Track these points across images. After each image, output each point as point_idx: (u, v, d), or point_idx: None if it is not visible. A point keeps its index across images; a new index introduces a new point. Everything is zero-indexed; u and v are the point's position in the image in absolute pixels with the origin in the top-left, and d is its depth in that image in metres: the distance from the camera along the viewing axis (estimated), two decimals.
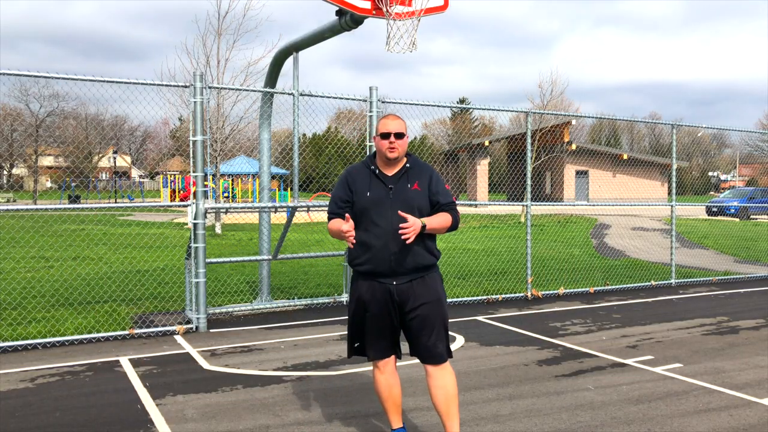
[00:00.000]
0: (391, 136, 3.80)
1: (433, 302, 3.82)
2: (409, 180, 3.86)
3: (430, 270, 3.87)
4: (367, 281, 3.84)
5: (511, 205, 11.68)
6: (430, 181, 3.88)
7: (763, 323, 7.95)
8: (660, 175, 44.33)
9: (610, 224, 24.59)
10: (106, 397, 5.11)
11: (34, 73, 6.89)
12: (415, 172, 3.89)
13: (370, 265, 3.79)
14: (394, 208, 3.74)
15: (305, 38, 7.74)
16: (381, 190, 3.82)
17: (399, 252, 3.74)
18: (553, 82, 30.80)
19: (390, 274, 3.78)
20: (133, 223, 25.13)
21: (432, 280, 3.87)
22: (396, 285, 3.79)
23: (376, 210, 3.77)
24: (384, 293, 3.80)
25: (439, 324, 3.85)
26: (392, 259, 3.75)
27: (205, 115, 7.54)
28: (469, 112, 66.38)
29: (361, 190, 3.84)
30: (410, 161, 3.93)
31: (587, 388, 5.34)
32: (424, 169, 3.93)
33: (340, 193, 3.91)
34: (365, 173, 3.90)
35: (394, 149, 3.81)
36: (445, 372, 3.89)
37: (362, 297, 3.86)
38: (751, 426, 4.53)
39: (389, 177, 3.87)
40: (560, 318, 8.23)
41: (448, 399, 3.87)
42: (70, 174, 43.71)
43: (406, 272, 3.79)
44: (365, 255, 3.80)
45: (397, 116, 3.90)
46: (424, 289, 3.81)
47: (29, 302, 8.55)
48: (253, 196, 33.73)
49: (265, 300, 8.80)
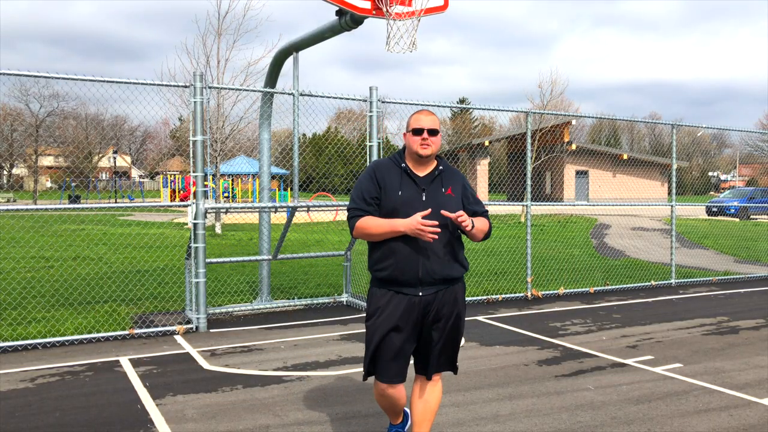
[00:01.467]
0: (424, 132, 3.54)
1: (454, 316, 3.61)
2: (443, 184, 3.60)
3: (455, 282, 3.62)
4: (390, 291, 3.52)
5: (511, 205, 11.69)
6: (464, 189, 3.68)
7: (763, 323, 7.95)
8: (660, 175, 44.34)
9: (610, 224, 24.59)
10: (106, 397, 5.10)
11: (34, 73, 6.89)
12: (447, 176, 3.65)
13: (395, 272, 3.47)
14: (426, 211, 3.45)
15: (305, 38, 7.74)
16: (413, 191, 3.53)
17: (429, 260, 3.46)
18: (553, 82, 30.81)
19: (416, 284, 3.48)
20: (133, 223, 25.13)
21: (457, 291, 3.62)
22: (421, 296, 3.50)
23: (406, 212, 3.45)
24: (408, 307, 3.50)
25: (455, 340, 3.66)
26: (420, 268, 3.46)
27: (205, 115, 7.54)
28: (469, 112, 66.40)
29: (392, 187, 3.53)
30: (442, 164, 3.68)
31: (587, 388, 5.34)
32: (456, 175, 3.70)
33: (370, 189, 3.55)
34: (395, 170, 3.59)
35: (427, 146, 3.54)
36: (435, 388, 3.73)
37: (383, 309, 3.52)
38: (751, 426, 4.53)
39: (421, 177, 3.59)
40: (560, 318, 8.23)
41: (426, 412, 3.73)
42: (70, 174, 43.74)
43: (434, 283, 3.51)
44: (389, 260, 3.48)
45: (430, 111, 3.64)
46: (448, 301, 3.57)
47: (29, 302, 8.55)
48: (253, 196, 33.74)
49: (265, 300, 8.81)
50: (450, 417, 4.67)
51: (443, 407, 4.82)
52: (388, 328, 3.50)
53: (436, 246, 3.48)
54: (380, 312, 3.52)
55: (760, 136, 54.95)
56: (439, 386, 3.75)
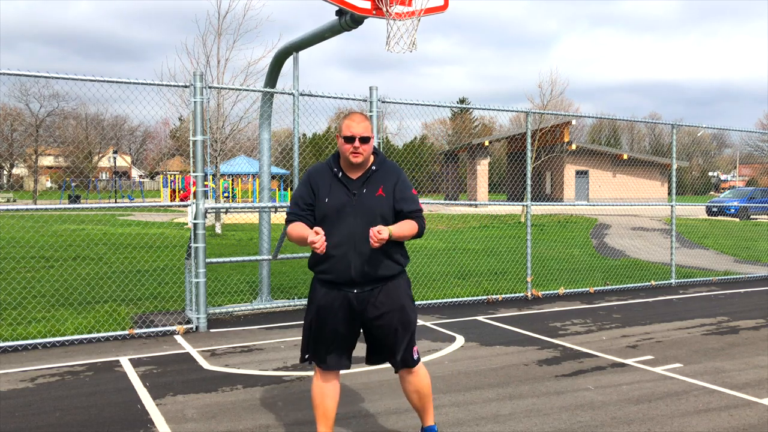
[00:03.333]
0: (355, 140, 3.53)
1: (395, 310, 3.65)
2: (374, 185, 3.62)
3: (393, 278, 3.69)
4: (326, 288, 3.66)
5: (511, 205, 11.69)
6: (395, 186, 3.64)
7: (763, 323, 7.95)
8: (660, 175, 44.34)
9: (610, 224, 24.59)
10: (106, 397, 5.10)
11: (34, 73, 6.89)
12: (380, 175, 3.65)
13: (331, 275, 3.61)
14: (357, 215, 3.53)
15: (305, 38, 7.74)
16: (343, 196, 3.58)
17: (360, 262, 3.55)
18: (553, 81, 30.84)
19: (350, 284, 3.59)
20: (133, 223, 25.12)
21: (395, 287, 3.68)
22: (356, 293, 3.61)
23: (337, 217, 3.54)
24: (343, 301, 3.62)
25: (403, 331, 3.69)
26: (353, 270, 3.55)
27: (205, 115, 7.54)
28: (469, 112, 66.39)
29: (322, 194, 3.60)
30: (376, 163, 3.67)
31: (587, 388, 5.34)
32: (391, 171, 3.68)
33: (303, 195, 3.66)
34: (328, 175, 3.64)
35: (359, 155, 3.55)
36: (417, 376, 3.82)
37: (320, 303, 3.67)
38: (751, 426, 4.53)
39: (353, 181, 3.61)
40: (560, 318, 8.23)
41: (422, 397, 3.88)
42: (70, 174, 43.76)
43: (368, 282, 3.60)
44: (325, 264, 3.60)
45: (363, 116, 3.61)
46: (385, 297, 3.63)
47: (29, 302, 8.55)
48: (253, 196, 33.73)
49: (265, 300, 8.81)
50: (450, 417, 4.67)
51: (443, 407, 4.82)
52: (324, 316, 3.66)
53: (366, 247, 3.55)
54: (318, 302, 3.69)
55: (760, 136, 54.96)
56: (422, 373, 3.84)
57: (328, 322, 3.66)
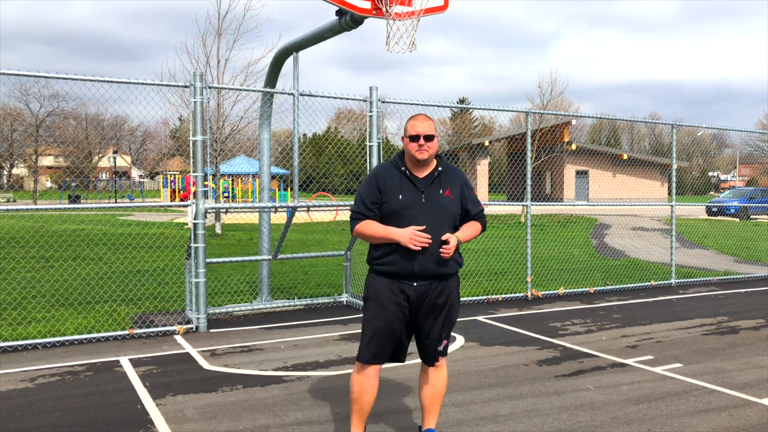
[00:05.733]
0: (420, 139, 3.72)
1: (446, 306, 3.82)
2: (442, 185, 3.79)
3: (451, 276, 3.86)
4: (386, 280, 3.76)
5: (511, 205, 11.68)
6: (462, 189, 3.84)
7: (763, 323, 7.95)
8: (660, 175, 44.32)
9: (610, 224, 24.59)
10: (106, 397, 5.10)
11: (34, 73, 6.89)
12: (446, 176, 3.83)
13: (395, 267, 3.71)
14: (426, 212, 3.69)
15: (305, 38, 7.74)
16: (413, 194, 3.73)
17: (425, 258, 3.68)
18: (553, 81, 30.83)
19: (411, 277, 3.73)
20: (133, 223, 25.12)
21: (450, 285, 3.84)
22: (416, 286, 3.74)
23: (407, 213, 3.69)
24: (401, 293, 3.74)
25: (447, 328, 3.87)
26: (416, 264, 3.69)
27: (205, 115, 7.54)
28: (469, 113, 66.38)
29: (392, 191, 3.73)
30: (442, 164, 3.85)
31: (587, 388, 5.34)
32: (456, 174, 3.86)
33: (370, 194, 3.78)
34: (395, 174, 3.79)
35: (424, 151, 3.73)
36: (440, 373, 3.98)
37: (382, 294, 3.75)
38: (751, 426, 4.53)
39: (420, 180, 3.78)
40: (560, 318, 8.23)
41: (434, 396, 4.00)
42: (70, 174, 43.75)
43: (429, 277, 3.75)
44: (390, 256, 3.72)
45: (427, 117, 3.80)
46: (441, 292, 3.79)
47: (29, 302, 8.55)
48: (253, 196, 33.73)
49: (265, 300, 8.81)
50: (450, 417, 4.67)
51: (443, 407, 4.82)
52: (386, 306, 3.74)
53: (432, 245, 3.68)
54: (376, 295, 3.77)
55: (760, 136, 54.96)
56: (444, 372, 4.00)
57: (389, 313, 3.73)
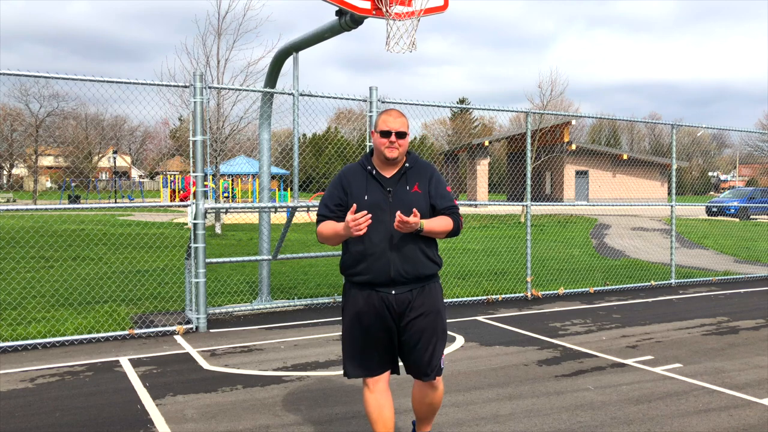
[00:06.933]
0: (392, 135, 3.48)
1: (432, 314, 3.56)
2: (409, 182, 3.55)
3: (431, 279, 3.60)
4: (363, 291, 3.52)
5: (511, 205, 11.69)
6: (429, 183, 3.59)
7: (763, 323, 7.95)
8: (660, 175, 44.33)
9: (610, 224, 24.59)
10: (106, 397, 5.10)
11: (34, 73, 6.89)
12: (414, 172, 3.59)
13: (368, 275, 3.48)
14: (394, 212, 3.42)
15: (305, 38, 7.74)
16: (379, 194, 3.50)
17: (399, 260, 3.46)
18: (553, 82, 30.83)
19: (389, 284, 3.48)
20: (133, 223, 25.11)
21: (433, 290, 3.60)
22: (395, 294, 3.49)
23: (374, 215, 3.42)
24: (381, 303, 3.49)
25: (436, 339, 3.59)
26: (391, 268, 3.45)
27: (205, 115, 7.54)
28: (468, 113, 66.37)
29: (358, 193, 3.51)
30: (410, 160, 3.61)
31: (587, 388, 5.34)
32: (425, 168, 3.63)
33: (333, 196, 3.57)
34: (362, 174, 3.58)
35: (394, 149, 3.49)
36: (435, 390, 3.71)
37: (359, 308, 3.52)
38: (751, 426, 4.53)
39: (388, 179, 3.55)
40: (560, 318, 8.23)
41: (431, 410, 3.82)
42: (70, 174, 43.75)
43: (406, 281, 3.49)
44: (362, 264, 3.48)
45: (400, 113, 3.58)
46: (424, 300, 3.54)
47: (29, 302, 8.55)
48: (253, 196, 33.72)
49: (265, 300, 8.81)
50: (450, 417, 4.67)
51: (443, 407, 4.82)
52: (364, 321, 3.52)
53: (404, 245, 3.47)
54: (354, 308, 3.54)
55: (759, 136, 54.96)
56: (440, 388, 3.74)
57: (369, 327, 3.52)
